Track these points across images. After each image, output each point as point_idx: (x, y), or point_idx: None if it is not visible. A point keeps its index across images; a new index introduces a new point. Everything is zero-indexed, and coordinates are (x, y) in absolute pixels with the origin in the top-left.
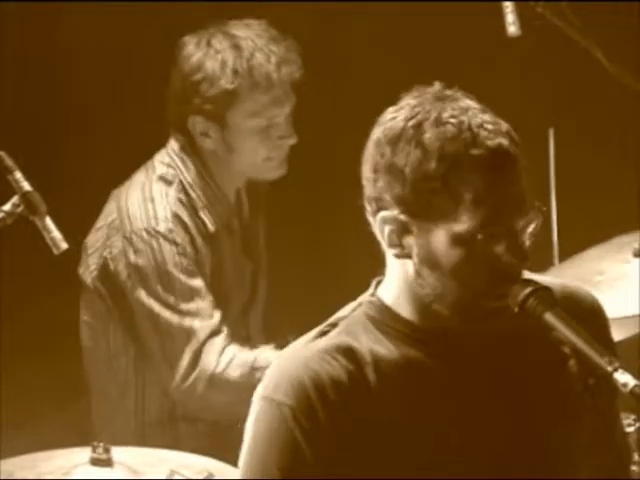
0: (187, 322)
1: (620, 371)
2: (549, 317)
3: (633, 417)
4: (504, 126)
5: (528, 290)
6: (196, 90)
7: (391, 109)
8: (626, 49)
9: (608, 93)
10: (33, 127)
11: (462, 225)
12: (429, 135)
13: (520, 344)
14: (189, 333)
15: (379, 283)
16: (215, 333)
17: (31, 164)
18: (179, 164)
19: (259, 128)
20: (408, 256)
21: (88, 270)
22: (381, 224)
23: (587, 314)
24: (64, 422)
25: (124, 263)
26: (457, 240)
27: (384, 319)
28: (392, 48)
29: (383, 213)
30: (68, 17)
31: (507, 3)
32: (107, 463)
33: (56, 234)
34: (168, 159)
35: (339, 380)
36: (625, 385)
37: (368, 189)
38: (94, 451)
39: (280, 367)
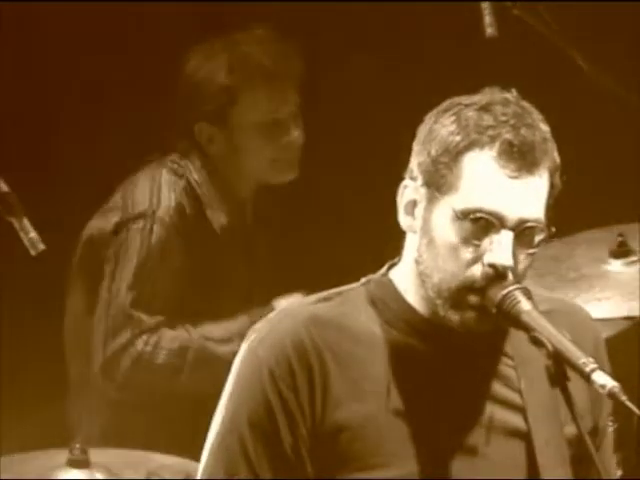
0: (135, 314)
1: (598, 372)
2: (526, 318)
3: (611, 418)
4: (545, 138)
5: (505, 291)
6: (196, 93)
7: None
8: (606, 51)
9: (585, 94)
10: (13, 126)
11: (459, 203)
12: (466, 114)
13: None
14: (133, 321)
15: (392, 266)
16: (155, 329)
17: (11, 164)
18: (188, 165)
19: (261, 125)
20: (415, 229)
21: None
22: (402, 192)
23: (582, 330)
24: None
25: (112, 242)
26: (452, 218)
27: (387, 300)
28: (378, 52)
29: (406, 181)
30: (62, 15)
31: (485, 5)
32: (84, 464)
33: (33, 235)
34: (178, 159)
35: (323, 352)
36: (603, 386)
37: (410, 161)
38: (71, 453)
39: (271, 322)
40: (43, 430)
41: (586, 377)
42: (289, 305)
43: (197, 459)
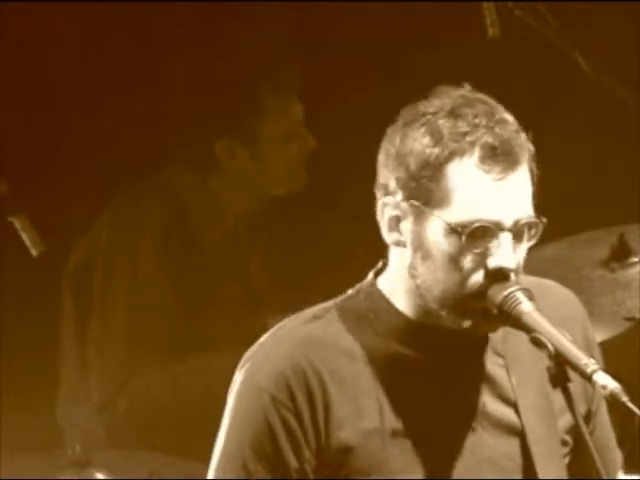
0: (130, 357)
1: (599, 373)
2: (527, 319)
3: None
4: (517, 130)
5: (506, 292)
6: (220, 106)
7: (418, 102)
8: (607, 52)
9: (585, 95)
10: (14, 127)
11: (454, 216)
12: (436, 122)
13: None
14: (128, 365)
15: (378, 273)
16: (147, 369)
17: (13, 165)
18: (183, 180)
19: (286, 134)
20: (404, 244)
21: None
22: (382, 209)
23: (568, 313)
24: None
25: (97, 276)
26: (448, 231)
27: (380, 311)
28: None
29: (385, 198)
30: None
31: (486, 5)
32: (84, 464)
33: (34, 235)
34: (174, 174)
35: (322, 373)
36: (604, 387)
37: (379, 176)
38: (72, 453)
39: (266, 347)
40: (44, 430)
41: (587, 378)
42: (281, 327)
43: (197, 460)
